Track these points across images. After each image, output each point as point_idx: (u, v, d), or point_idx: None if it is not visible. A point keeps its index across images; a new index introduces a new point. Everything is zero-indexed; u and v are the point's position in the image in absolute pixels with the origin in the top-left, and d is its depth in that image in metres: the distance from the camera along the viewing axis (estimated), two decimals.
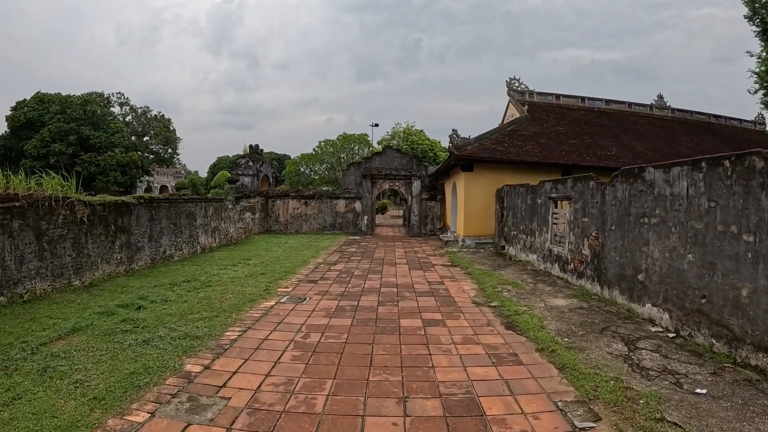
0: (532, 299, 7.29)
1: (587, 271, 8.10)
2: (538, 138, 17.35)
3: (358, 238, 17.92)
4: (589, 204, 8.13)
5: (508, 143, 15.83)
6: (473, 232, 14.13)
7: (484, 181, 14.18)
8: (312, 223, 20.06)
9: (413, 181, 19.38)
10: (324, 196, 19.90)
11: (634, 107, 25.67)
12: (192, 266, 10.94)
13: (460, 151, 13.49)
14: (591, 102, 24.61)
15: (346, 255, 12.61)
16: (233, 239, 16.37)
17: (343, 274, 9.45)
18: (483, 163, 14.02)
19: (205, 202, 14.40)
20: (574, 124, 20.77)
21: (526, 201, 11.58)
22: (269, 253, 13.08)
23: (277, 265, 10.56)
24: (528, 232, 11.32)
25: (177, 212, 12.56)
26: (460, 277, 9.17)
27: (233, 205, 16.88)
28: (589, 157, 16.93)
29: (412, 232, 19.59)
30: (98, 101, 43.97)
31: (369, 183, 19.48)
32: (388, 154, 20.40)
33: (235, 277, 9.18)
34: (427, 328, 5.55)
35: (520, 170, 14.58)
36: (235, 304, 6.91)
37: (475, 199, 14.08)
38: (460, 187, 14.80)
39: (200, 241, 13.86)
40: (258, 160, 24.01)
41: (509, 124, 17.96)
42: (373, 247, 14.67)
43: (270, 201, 20.50)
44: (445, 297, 7.30)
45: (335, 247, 14.76)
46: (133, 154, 37.34)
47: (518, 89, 22.46)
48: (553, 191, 9.83)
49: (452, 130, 13.61)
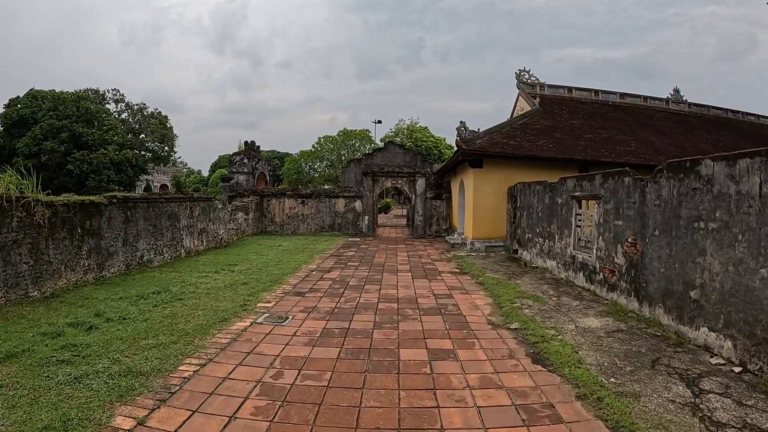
0: (558, 318, 6.13)
1: (621, 283, 6.93)
2: (551, 132, 16.16)
3: (358, 240, 16.79)
4: (624, 204, 6.95)
5: (520, 137, 14.64)
6: (483, 235, 12.96)
7: (495, 178, 13.00)
8: (309, 224, 18.95)
9: (417, 179, 18.22)
10: (322, 195, 18.77)
11: (649, 101, 24.49)
12: (171, 273, 9.90)
13: (469, 146, 12.31)
14: (605, 95, 23.53)
15: (342, 260, 11.48)
16: (223, 241, 15.30)
17: (337, 284, 8.32)
18: (493, 159, 12.84)
19: (191, 202, 13.33)
20: (588, 118, 19.60)
21: (543, 200, 10.40)
22: (259, 258, 11.99)
23: (264, 273, 9.45)
24: (546, 235, 10.14)
25: (157, 213, 11.50)
26: (471, 288, 8.01)
27: (223, 205, 15.80)
28: (607, 152, 15.74)
29: (416, 233, 18.44)
30: (92, 98, 43.00)
31: (370, 181, 18.34)
32: (391, 150, 19.23)
33: (213, 287, 8.09)
34: (434, 362, 4.40)
35: (534, 167, 13.40)
36: (201, 324, 5.81)
37: (485, 198, 12.91)
38: (469, 185, 13.63)
39: (185, 244, 12.80)
40: (254, 157, 22.94)
41: (520, 117, 16.76)
42: (373, 251, 13.54)
43: (265, 200, 19.42)
44: (454, 315, 6.14)
45: (332, 250, 13.63)
46: (127, 151, 36.30)
47: (528, 82, 21.34)
48: (576, 189, 8.65)
49: (460, 122, 12.46)
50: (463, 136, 12.28)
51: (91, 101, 41.60)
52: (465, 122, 12.40)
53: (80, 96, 40.12)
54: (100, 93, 46.46)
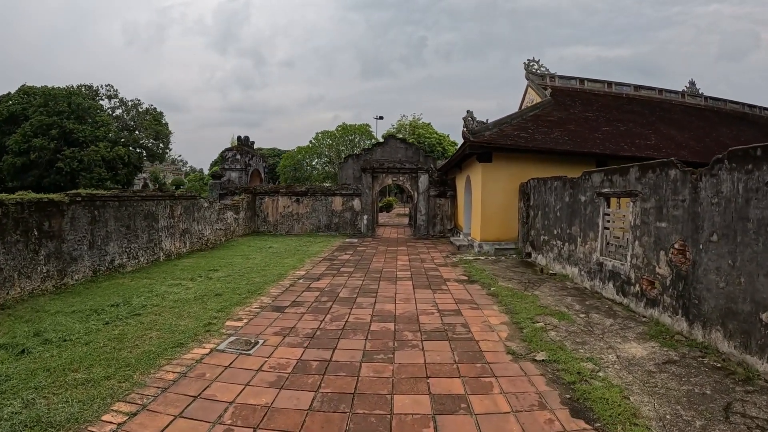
0: (593, 344, 4.99)
1: (664, 298, 5.78)
2: (565, 124, 14.99)
3: (356, 241, 15.66)
4: (668, 202, 5.79)
5: (532, 129, 13.47)
6: (492, 236, 11.80)
7: (505, 173, 11.84)
8: (305, 224, 17.83)
9: (420, 176, 17.05)
10: (318, 193, 17.63)
11: (665, 94, 23.29)
12: (142, 280, 8.85)
13: (477, 137, 11.15)
14: (618, 87, 22.40)
15: (336, 265, 10.36)
16: (210, 243, 14.21)
17: (325, 295, 7.19)
18: (504, 153, 11.67)
19: (171, 200, 12.24)
20: (603, 110, 18.42)
21: (562, 198, 9.24)
22: (245, 262, 10.89)
23: (244, 281, 8.34)
24: (565, 237, 8.98)
25: (131, 213, 10.44)
26: (483, 301, 6.85)
27: (210, 204, 14.70)
28: (627, 146, 14.56)
29: (419, 233, 17.29)
30: (84, 93, 42.02)
31: (369, 177, 17.19)
32: (391, 144, 18.06)
33: (181, 299, 7.00)
34: (439, 418, 3.26)
35: (548, 161, 12.23)
36: (150, 351, 4.71)
37: (494, 196, 11.74)
38: (476, 182, 12.48)
39: (164, 246, 11.72)
40: (247, 153, 21.84)
41: (531, 108, 15.57)
42: (371, 254, 12.40)
43: (258, 198, 18.31)
44: (465, 341, 4.99)
45: (326, 253, 12.51)
46: (119, 148, 35.27)
47: (537, 72, 20.21)
48: (605, 185, 7.48)
49: (467, 112, 11.28)
50: (470, 127, 11.11)
51: (83, 97, 40.59)
52: (472, 112, 11.23)
53: (72, 92, 39.11)
54: (93, 89, 45.52)
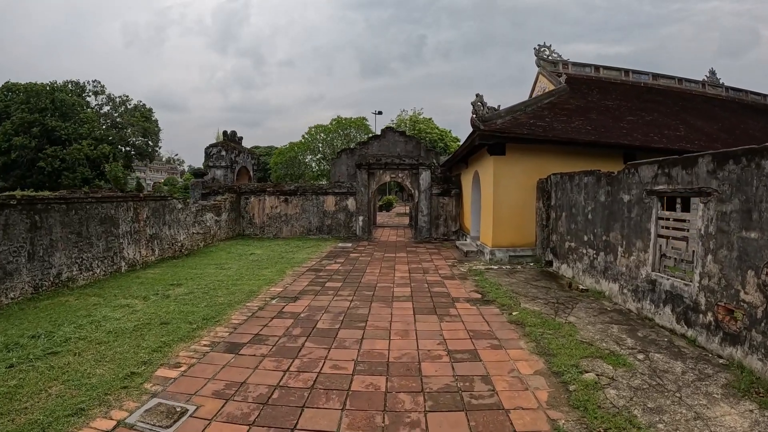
0: (672, 410, 3.46)
1: (752, 334, 4.24)
2: (586, 113, 13.43)
3: (350, 245, 14.12)
4: (762, 205, 4.23)
5: (549, 118, 11.90)
6: (506, 241, 10.25)
7: (521, 168, 10.29)
8: (294, 226, 16.29)
9: (421, 172, 15.49)
10: (308, 192, 16.07)
11: (684, 83, 21.72)
12: (89, 298, 7.44)
13: (488, 125, 9.58)
14: (636, 76, 20.89)
15: (322, 277, 8.82)
16: (185, 249, 12.71)
17: (299, 325, 5.64)
18: (519, 144, 10.11)
19: (135, 202, 10.73)
20: (623, 99, 16.87)
21: (595, 197, 7.68)
22: (217, 273, 9.40)
23: (205, 302, 6.82)
24: (600, 245, 7.43)
25: (83, 217, 8.97)
26: (506, 333, 5.29)
27: (185, 205, 13.18)
28: (657, 137, 12.99)
29: (420, 236, 15.74)
30: (69, 90, 40.58)
31: (365, 174, 15.63)
32: (390, 138, 16.48)
33: (119, 329, 5.54)
34: None
35: (570, 154, 10.69)
36: (36, 421, 3.20)
37: (509, 194, 10.19)
38: (487, 178, 10.93)
39: (126, 254, 10.22)
40: (233, 150, 20.27)
41: (546, 95, 14.00)
42: (365, 262, 10.87)
43: (243, 198, 16.78)
44: (489, 411, 3.44)
45: (313, 261, 10.98)
46: (104, 146, 33.76)
47: (549, 59, 18.69)
48: (659, 180, 5.92)
49: (476, 96, 9.71)
50: (480, 113, 9.55)
51: (67, 93, 39.15)
52: (482, 96, 9.66)
53: (55, 88, 37.64)
54: (80, 85, 44.05)
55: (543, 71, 18.04)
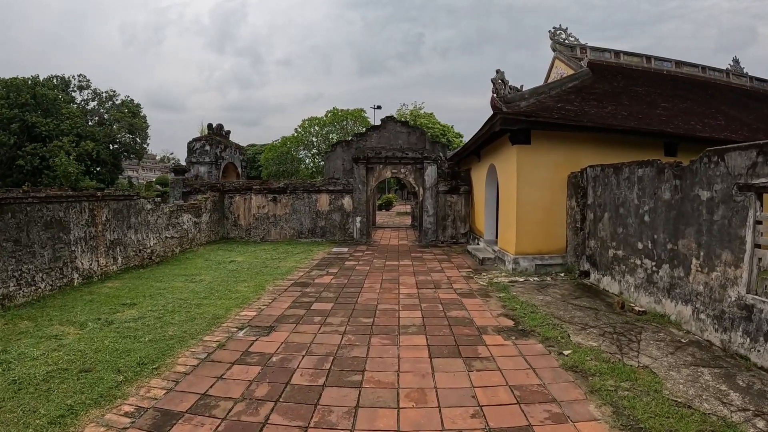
0: None
1: None
2: (617, 98, 11.88)
3: (346, 250, 12.55)
4: None
5: (578, 102, 10.33)
6: (532, 247, 8.68)
7: (549, 160, 8.72)
8: (284, 228, 14.70)
9: (426, 167, 13.91)
10: (299, 190, 14.48)
11: (708, 72, 20.17)
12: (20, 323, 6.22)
13: (512, 107, 8.00)
14: (658, 63, 19.30)
15: (308, 296, 7.23)
16: (156, 256, 11.14)
17: (266, 380, 4.04)
18: (547, 131, 8.54)
19: (92, 202, 9.16)
20: (651, 86, 15.31)
21: (655, 193, 6.11)
22: (185, 288, 7.85)
23: (153, 333, 5.26)
24: (663, 255, 5.87)
25: (21, 221, 7.43)
26: (565, 391, 3.71)
27: (156, 205, 11.60)
28: (700, 126, 11.45)
29: (426, 239, 14.16)
30: (53, 84, 38.91)
31: (363, 169, 14.04)
32: (390, 128, 14.87)
33: (23, 378, 4.10)
34: None
35: (604, 143, 9.15)
36: None
37: (535, 191, 8.62)
38: (508, 172, 9.37)
39: (80, 264, 8.69)
40: (218, 144, 18.70)
41: (568, 78, 12.40)
42: (362, 273, 9.30)
43: (227, 197, 15.20)
44: None
45: (301, 271, 9.42)
46: (86, 143, 32.04)
47: (566, 42, 17.11)
48: (761, 171, 4.35)
49: (496, 72, 8.13)
50: (501, 93, 7.97)
51: (50, 88, 37.47)
52: (503, 72, 8.09)
53: (37, 82, 35.94)
54: (65, 79, 42.36)
55: (560, 55, 16.48)
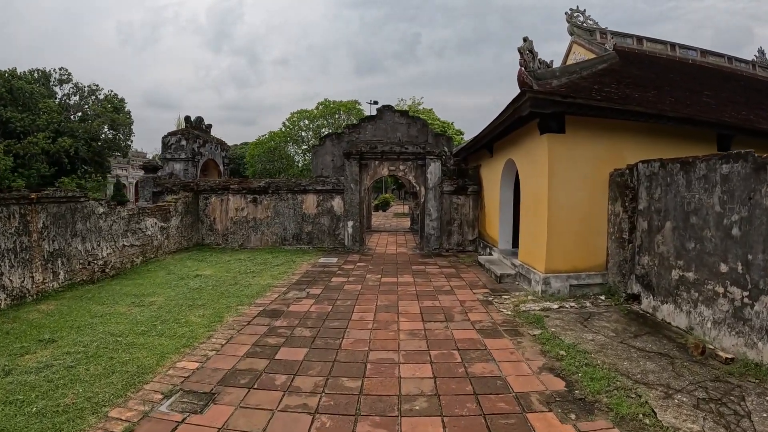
0: None
1: None
2: (655, 85, 10.15)
3: (335, 261, 10.75)
4: None
5: (614, 86, 8.57)
6: (565, 264, 6.90)
7: (587, 154, 6.95)
8: (265, 233, 12.88)
9: (429, 163, 12.14)
10: (282, 189, 12.67)
11: (734, 62, 18.52)
12: None
13: (543, 85, 6.25)
14: (683, 51, 17.65)
15: (276, 334, 5.43)
16: (111, 268, 9.34)
17: None
18: (587, 117, 6.77)
19: (22, 205, 7.35)
20: (681, 74, 13.62)
21: (750, 198, 4.35)
22: (130, 312, 6.09)
23: (49, 399, 3.46)
24: (759, 283, 4.10)
25: None
26: None
27: (110, 208, 9.77)
28: (753, 116, 9.73)
29: (429, 247, 12.38)
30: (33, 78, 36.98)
31: (355, 166, 12.26)
32: (388, 119, 13.06)
33: None
34: None
35: (650, 135, 7.41)
36: None
37: (570, 192, 6.84)
38: (535, 168, 7.60)
39: (7, 282, 6.95)
40: (196, 139, 16.85)
41: (597, 60, 10.61)
42: (352, 295, 7.52)
43: (201, 198, 13.39)
44: None
45: (276, 291, 7.62)
46: (63, 140, 30.11)
47: (584, 26, 15.46)
48: None
49: (524, 40, 6.36)
50: (531, 67, 6.21)
51: (29, 81, 35.54)
52: (532, 41, 6.34)
53: (13, 74, 33.97)
54: (46, 73, 40.42)
55: (579, 39, 14.77)
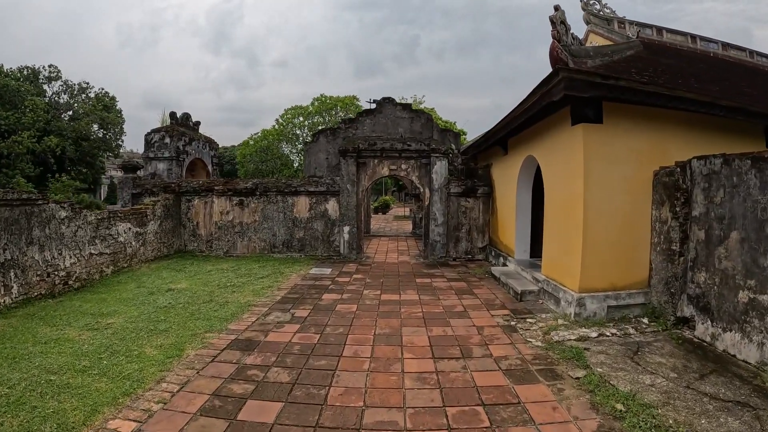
0: None
1: None
2: (689, 74, 9.06)
3: (328, 272, 9.63)
4: None
5: (651, 72, 7.47)
6: (604, 281, 5.77)
7: (629, 149, 5.85)
8: (252, 239, 11.76)
9: (434, 162, 11.04)
10: (271, 191, 11.55)
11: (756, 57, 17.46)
12: None
13: (579, 64, 5.16)
14: (704, 43, 16.63)
15: (245, 379, 4.32)
16: (75, 280, 8.23)
17: None
18: (629, 104, 5.67)
19: None
20: (711, 66, 12.57)
21: None
22: (79, 338, 4.99)
23: None
24: None
25: None
26: None
27: (75, 212, 8.65)
28: None
29: (433, 255, 11.26)
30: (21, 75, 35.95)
31: (352, 165, 11.16)
32: (388, 112, 11.93)
33: None
34: None
35: (695, 127, 6.30)
36: None
37: (609, 194, 5.72)
38: (566, 165, 6.50)
39: None
40: (182, 136, 15.73)
41: (625, 46, 9.48)
42: (345, 319, 6.40)
43: (184, 200, 12.27)
44: None
45: (256, 313, 6.51)
46: (50, 139, 28.99)
47: (601, 14, 14.46)
48: None
49: (555, 8, 5.27)
50: (565, 40, 5.13)
51: (15, 79, 34.50)
52: (564, 11, 5.25)
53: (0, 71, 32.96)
54: (34, 70, 39.40)
55: (596, 28, 13.72)
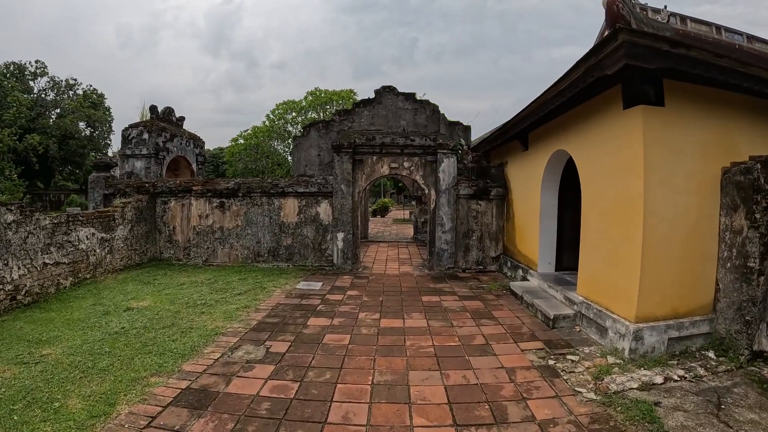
0: None
1: None
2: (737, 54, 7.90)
3: (318, 287, 8.41)
4: None
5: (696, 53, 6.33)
6: (665, 306, 4.54)
7: (694, 140, 4.66)
8: (234, 246, 10.52)
9: (441, 159, 9.83)
10: (256, 192, 10.32)
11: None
12: None
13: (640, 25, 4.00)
14: (729, 35, 15.88)
15: None
16: (26, 294, 7.00)
17: None
18: (691, 84, 4.49)
19: None
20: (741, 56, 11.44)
21: None
22: (2, 377, 3.65)
23: None
24: None
25: None
26: None
27: (26, 215, 7.40)
28: None
29: (440, 266, 10.04)
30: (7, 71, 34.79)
31: (348, 162, 9.94)
32: (389, 102, 10.67)
33: None
34: None
35: (758, 116, 5.12)
36: None
37: (674, 197, 4.54)
38: (614, 159, 5.29)
39: None
40: (162, 132, 14.49)
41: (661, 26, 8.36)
42: (335, 356, 5.20)
43: (159, 202, 11.03)
44: None
45: (223, 345, 5.29)
46: (32, 137, 27.81)
47: None
48: None
49: None
50: None
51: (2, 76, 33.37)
52: None
53: None
54: (21, 66, 38.18)
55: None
